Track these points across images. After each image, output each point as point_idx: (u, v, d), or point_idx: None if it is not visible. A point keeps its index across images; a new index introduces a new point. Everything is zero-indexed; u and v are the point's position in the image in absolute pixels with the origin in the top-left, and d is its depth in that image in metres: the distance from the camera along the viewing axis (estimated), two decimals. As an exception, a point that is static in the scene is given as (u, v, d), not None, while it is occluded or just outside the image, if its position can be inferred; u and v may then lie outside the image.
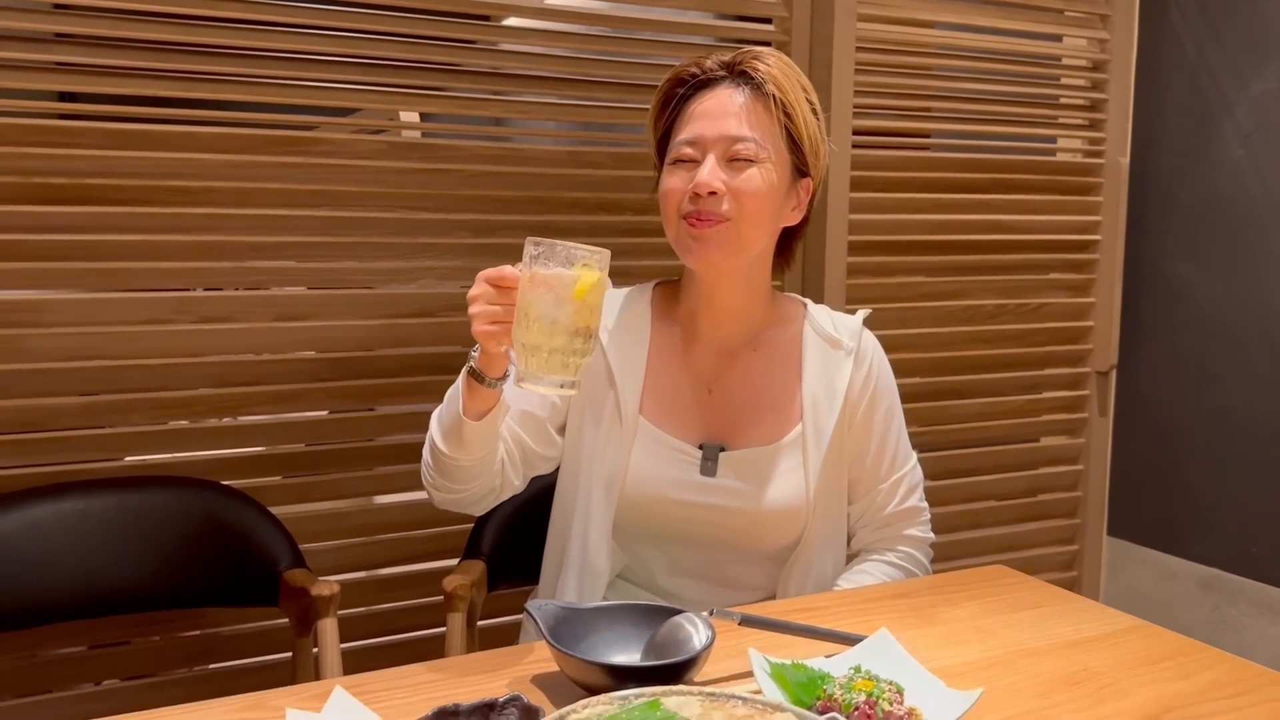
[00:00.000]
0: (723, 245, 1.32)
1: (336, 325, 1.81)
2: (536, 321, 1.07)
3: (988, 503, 2.42)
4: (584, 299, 1.07)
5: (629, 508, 1.36)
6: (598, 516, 1.36)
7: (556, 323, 1.07)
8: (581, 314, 1.07)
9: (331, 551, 1.82)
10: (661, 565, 1.39)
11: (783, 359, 1.42)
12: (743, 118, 1.32)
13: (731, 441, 1.38)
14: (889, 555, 1.43)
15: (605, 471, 1.36)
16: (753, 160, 1.31)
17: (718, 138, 1.31)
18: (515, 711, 0.89)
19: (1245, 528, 2.35)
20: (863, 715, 0.90)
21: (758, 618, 1.13)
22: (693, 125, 1.34)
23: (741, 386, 1.41)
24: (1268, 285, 2.28)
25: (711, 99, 1.34)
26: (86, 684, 1.72)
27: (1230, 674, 1.09)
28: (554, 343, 1.07)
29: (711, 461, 1.35)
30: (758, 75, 1.33)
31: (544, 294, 1.07)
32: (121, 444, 1.70)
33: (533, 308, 1.08)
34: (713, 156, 1.31)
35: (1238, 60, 2.31)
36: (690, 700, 0.86)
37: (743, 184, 1.31)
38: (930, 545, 1.47)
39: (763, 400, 1.40)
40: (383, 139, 1.88)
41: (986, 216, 2.37)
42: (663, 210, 1.37)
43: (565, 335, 1.07)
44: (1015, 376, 2.43)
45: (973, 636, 1.18)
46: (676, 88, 1.37)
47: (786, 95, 1.33)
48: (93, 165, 1.63)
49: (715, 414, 1.39)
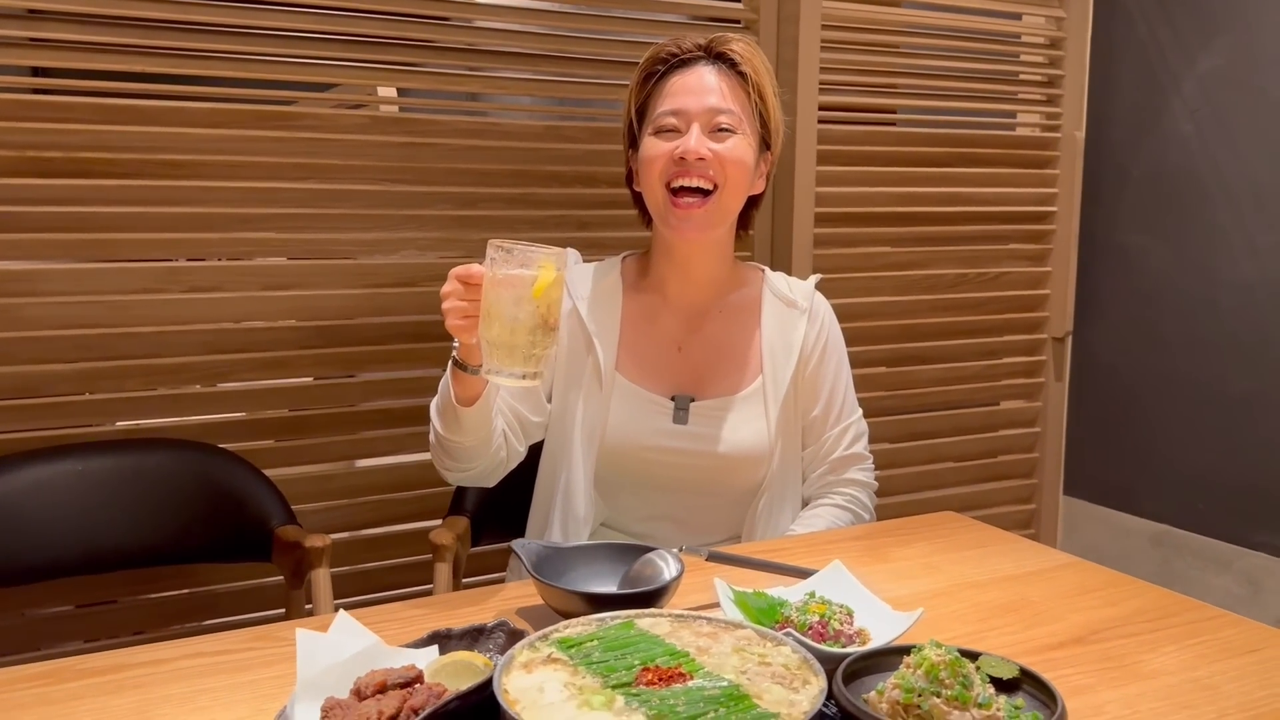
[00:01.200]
0: (706, 221, 1.45)
1: (321, 294, 1.88)
2: (499, 319, 1.14)
3: (948, 464, 2.53)
4: (541, 297, 1.13)
5: (609, 455, 1.47)
6: (581, 467, 1.47)
7: (517, 320, 1.14)
8: (540, 311, 1.14)
9: (319, 512, 1.90)
10: (638, 512, 1.50)
11: (744, 319, 1.55)
12: (723, 93, 1.44)
13: (700, 393, 1.50)
14: (835, 498, 1.55)
15: (587, 425, 1.48)
16: (733, 130, 1.44)
17: (702, 109, 1.43)
18: (502, 635, 0.98)
19: (1193, 485, 2.46)
20: (816, 634, 0.99)
21: (723, 553, 1.22)
22: (676, 98, 1.45)
23: (707, 344, 1.53)
24: (1213, 253, 2.39)
25: (693, 75, 1.46)
26: (77, 641, 1.78)
27: (1155, 602, 1.19)
28: (515, 339, 1.14)
29: (683, 410, 1.48)
30: (734, 56, 1.46)
31: (504, 293, 1.14)
32: (115, 409, 1.77)
33: (494, 306, 1.14)
34: (696, 127, 1.42)
35: (1186, 38, 2.41)
36: (661, 620, 0.95)
37: (727, 151, 1.43)
38: (874, 492, 1.59)
39: (727, 356, 1.53)
40: (365, 114, 1.94)
41: (948, 189, 2.46)
42: (644, 176, 1.47)
43: (525, 331, 1.14)
44: (975, 343, 2.53)
45: (921, 572, 1.28)
46: (657, 64, 1.48)
47: (759, 76, 1.47)
48: (85, 139, 1.68)
49: (685, 369, 1.52)
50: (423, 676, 0.86)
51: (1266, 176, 2.27)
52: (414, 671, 0.86)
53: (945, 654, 0.86)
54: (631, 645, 0.89)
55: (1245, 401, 2.34)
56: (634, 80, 1.52)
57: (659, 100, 1.47)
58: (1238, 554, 2.37)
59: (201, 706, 0.93)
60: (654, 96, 1.48)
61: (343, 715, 0.82)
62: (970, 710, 0.84)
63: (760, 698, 0.81)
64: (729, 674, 0.85)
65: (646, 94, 1.49)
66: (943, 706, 0.83)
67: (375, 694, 0.83)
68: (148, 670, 1.00)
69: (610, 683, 0.83)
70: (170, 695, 0.95)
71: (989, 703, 0.84)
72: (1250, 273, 2.31)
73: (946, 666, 0.85)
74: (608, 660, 0.86)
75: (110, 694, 0.96)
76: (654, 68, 1.49)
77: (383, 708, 0.81)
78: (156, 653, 1.04)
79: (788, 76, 2.19)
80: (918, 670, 0.86)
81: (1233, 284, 2.35)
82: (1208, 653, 1.05)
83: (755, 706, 0.80)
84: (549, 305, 1.15)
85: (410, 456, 1.99)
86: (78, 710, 0.93)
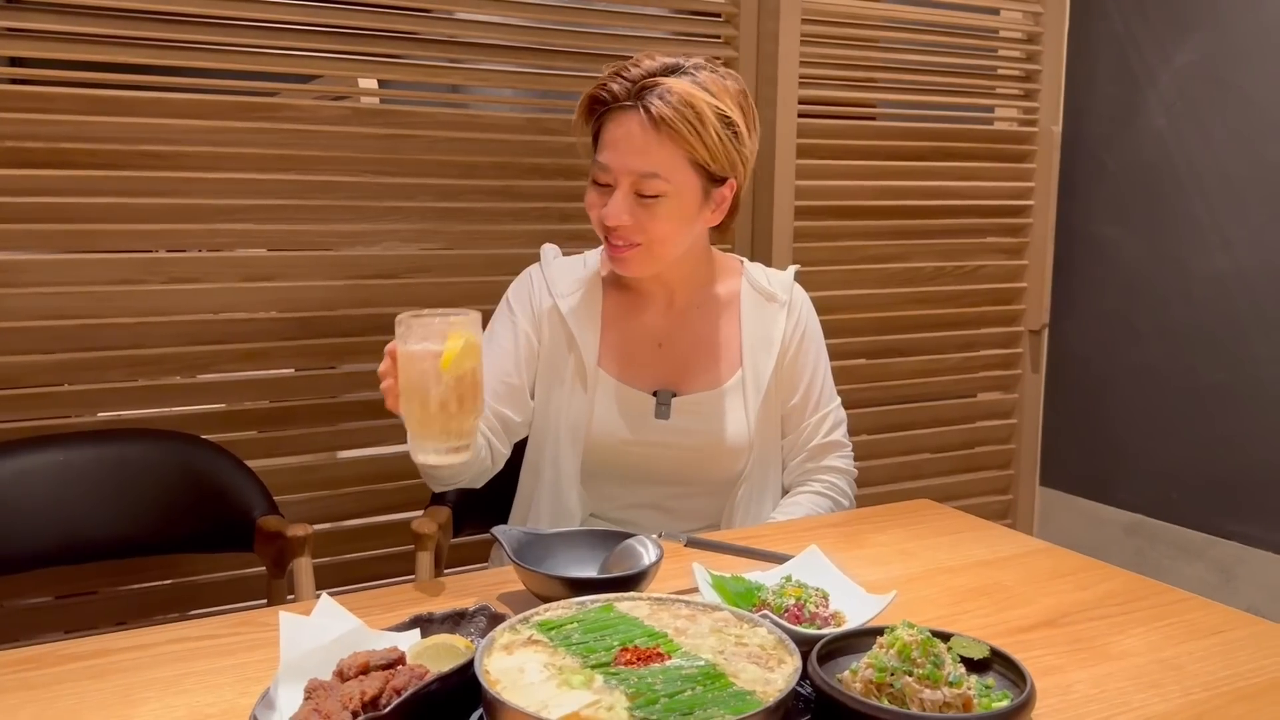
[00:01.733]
0: (640, 263, 1.44)
1: (302, 286, 1.89)
2: (411, 397, 1.10)
3: (926, 455, 2.56)
4: (450, 370, 1.08)
5: (594, 451, 1.48)
6: (567, 464, 1.49)
7: (428, 396, 1.09)
8: (450, 386, 1.08)
9: (301, 503, 1.90)
10: (622, 500, 1.52)
11: (724, 313, 1.56)
12: (647, 151, 1.36)
13: (681, 388, 1.51)
14: (815, 485, 1.56)
15: (571, 422, 1.49)
16: (657, 195, 1.38)
17: (622, 170, 1.38)
18: (484, 618, 0.99)
19: (1166, 476, 2.50)
20: (792, 616, 1.01)
21: (702, 539, 1.24)
22: (605, 150, 1.40)
23: (688, 339, 1.54)
24: (1187, 246, 2.42)
25: (618, 128, 1.38)
26: (57, 632, 1.79)
27: (1124, 586, 1.21)
28: (428, 415, 1.10)
29: (665, 405, 1.49)
30: (656, 113, 1.34)
31: (411, 370, 1.10)
32: (96, 400, 1.77)
33: (405, 384, 1.11)
34: (621, 188, 1.38)
35: (1161, 34, 2.44)
36: (640, 604, 0.96)
37: (648, 218, 1.39)
38: (853, 479, 1.60)
39: (707, 350, 1.54)
40: (346, 105, 1.95)
41: (927, 183, 2.48)
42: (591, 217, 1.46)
43: (437, 407, 1.09)
44: (953, 335, 2.56)
45: (895, 557, 1.30)
46: (595, 105, 1.42)
47: (680, 129, 1.35)
48: (65, 130, 1.68)
49: (666, 365, 1.52)
50: (405, 658, 0.88)
51: (1239, 170, 2.30)
52: (396, 653, 0.87)
53: (917, 634, 0.88)
54: (611, 627, 0.91)
55: (1218, 393, 2.37)
56: (576, 118, 1.46)
57: (597, 143, 1.42)
58: (1210, 543, 2.41)
59: (185, 690, 0.94)
60: (598, 134, 1.43)
61: (326, 696, 0.83)
62: (941, 689, 0.85)
63: (736, 676, 0.83)
64: (706, 654, 0.86)
65: (591, 132, 1.44)
66: (914, 685, 0.85)
67: (358, 675, 0.84)
68: (131, 655, 1.01)
69: (589, 663, 0.84)
70: (154, 679, 0.96)
71: (960, 681, 0.86)
72: (1223, 265, 2.35)
73: (918, 646, 0.87)
74: (587, 641, 0.88)
75: (93, 678, 0.96)
76: (591, 107, 1.42)
77: (365, 688, 0.82)
78: (140, 638, 1.05)
79: (768, 70, 2.21)
80: (890, 650, 0.88)
81: (1206, 277, 2.38)
82: (1174, 634, 1.08)
83: (731, 685, 0.81)
84: (461, 377, 1.09)
85: (392, 448, 2.00)
86: (61, 694, 0.93)
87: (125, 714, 0.90)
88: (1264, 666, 1.00)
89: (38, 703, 0.92)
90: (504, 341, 1.51)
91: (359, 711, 0.81)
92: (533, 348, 1.51)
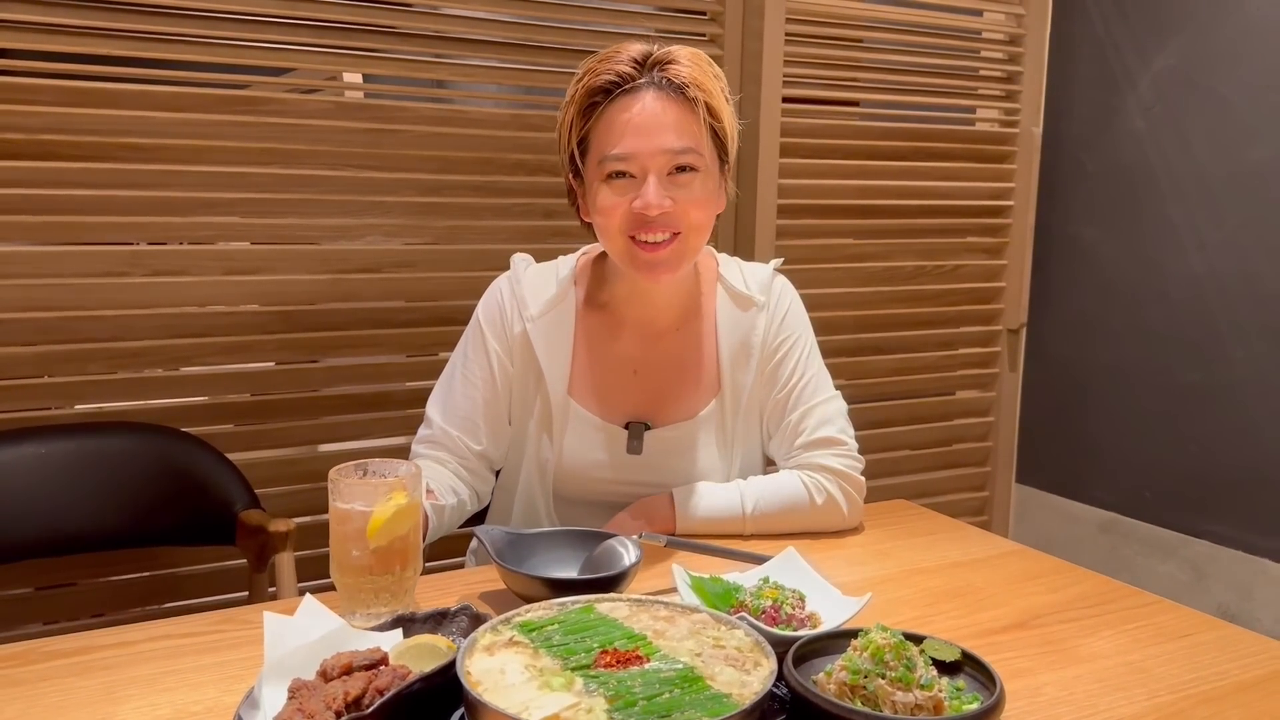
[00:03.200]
0: (674, 263, 1.33)
1: (284, 280, 1.89)
2: (335, 559, 1.07)
3: (905, 452, 2.59)
4: (377, 536, 1.02)
5: (563, 481, 1.44)
6: (538, 494, 1.45)
7: (352, 559, 1.04)
8: (379, 553, 1.03)
9: (282, 496, 1.91)
10: (594, 522, 1.43)
11: (701, 331, 1.46)
12: (677, 127, 1.29)
13: (656, 418, 1.43)
14: (800, 472, 1.43)
15: (539, 456, 1.43)
16: (694, 169, 1.30)
17: (655, 152, 1.28)
18: (465, 619, 1.01)
19: (1140, 475, 2.54)
20: (769, 618, 1.02)
21: (682, 540, 1.26)
22: (625, 140, 1.28)
23: (664, 365, 1.45)
24: (1162, 248, 2.46)
25: (640, 110, 1.28)
26: (35, 623, 1.79)
27: (1095, 589, 1.24)
28: (355, 579, 1.05)
29: (637, 440, 1.41)
30: (680, 80, 1.29)
31: (337, 530, 1.05)
32: (76, 392, 1.77)
33: (332, 544, 1.06)
34: (653, 176, 1.28)
35: (1142, 38, 2.47)
36: (620, 605, 0.98)
37: (687, 199, 1.30)
38: (851, 483, 1.43)
39: (683, 375, 1.45)
40: (330, 99, 1.94)
41: (908, 183, 2.50)
42: (601, 226, 1.34)
43: (358, 572, 1.05)
44: (932, 334, 2.58)
45: (871, 558, 1.32)
46: (596, 95, 1.31)
47: (712, 98, 1.31)
48: (47, 121, 1.68)
49: (641, 393, 1.44)
50: (387, 659, 0.89)
51: (1215, 173, 2.33)
52: (379, 654, 0.89)
53: (890, 637, 0.90)
54: (591, 629, 0.92)
55: (1191, 394, 2.41)
56: (570, 109, 1.33)
57: (605, 138, 1.30)
58: (1183, 542, 2.45)
59: (168, 688, 0.95)
60: (597, 130, 1.31)
61: (309, 695, 0.84)
62: (913, 691, 0.87)
63: (714, 679, 0.84)
64: (684, 656, 0.88)
65: (588, 127, 1.32)
66: (887, 688, 0.87)
67: (341, 675, 0.86)
68: (114, 652, 1.02)
69: (570, 665, 0.86)
70: (137, 677, 0.97)
71: (931, 684, 0.88)
72: (1198, 267, 2.38)
73: (891, 649, 0.89)
74: (567, 643, 0.89)
75: (78, 675, 0.97)
76: (593, 98, 1.31)
77: (348, 688, 0.83)
78: (123, 635, 1.06)
79: (752, 68, 2.22)
80: (864, 653, 0.90)
81: (1181, 278, 2.42)
82: (1142, 637, 1.10)
83: (708, 687, 0.83)
84: (391, 541, 1.04)
85: (373, 441, 2.00)
86: (46, 691, 0.94)
87: (109, 712, 0.91)
88: (1228, 670, 1.03)
89: (24, 699, 0.93)
90: (479, 369, 1.43)
91: (342, 711, 0.82)
92: (508, 372, 1.43)
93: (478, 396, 1.43)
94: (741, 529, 1.38)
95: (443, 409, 1.44)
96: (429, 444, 1.44)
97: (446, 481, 1.39)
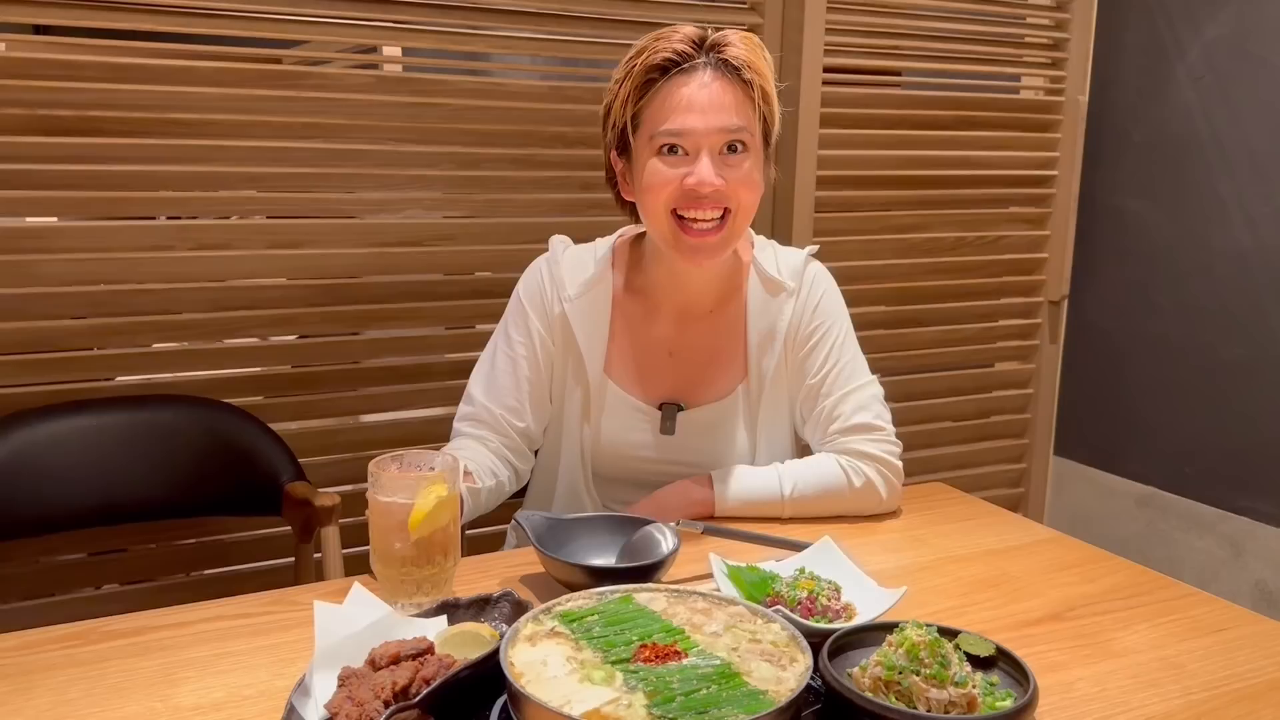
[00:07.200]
0: (718, 249, 1.35)
1: (326, 254, 1.91)
2: (376, 550, 1.08)
3: (943, 423, 2.58)
4: (419, 528, 1.04)
5: (602, 460, 1.47)
6: (578, 470, 1.47)
7: (394, 551, 1.06)
8: (419, 544, 1.05)
9: (326, 466, 1.95)
10: (632, 498, 1.47)
11: (733, 316, 1.48)
12: (733, 108, 1.31)
13: (689, 400, 1.46)
14: (838, 456, 1.44)
15: (576, 435, 1.47)
16: (746, 148, 1.32)
17: (710, 130, 1.29)
18: (508, 605, 1.03)
19: (1180, 450, 2.52)
20: (804, 609, 1.04)
21: (718, 528, 1.27)
22: (680, 116, 1.30)
23: (698, 348, 1.47)
24: (1209, 222, 2.41)
25: (697, 86, 1.30)
26: (87, 588, 1.85)
27: (1130, 579, 1.24)
28: (397, 571, 1.07)
29: (670, 420, 1.45)
30: (738, 62, 1.31)
31: (378, 523, 1.07)
32: (124, 364, 1.81)
33: (372, 537, 1.08)
34: (706, 152, 1.30)
35: (1192, 5, 2.40)
36: (658, 596, 1.00)
37: (740, 177, 1.32)
38: (888, 468, 1.43)
39: (716, 358, 1.48)
40: (370, 74, 1.95)
41: (950, 152, 2.47)
42: (646, 202, 1.35)
43: (400, 564, 1.06)
44: (972, 306, 2.57)
45: (907, 544, 1.33)
46: (653, 73, 1.32)
47: (765, 81, 1.33)
48: (94, 97, 1.70)
49: (675, 375, 1.47)
50: (434, 648, 0.91)
51: (1265, 146, 2.28)
52: (425, 643, 0.91)
53: (925, 634, 0.91)
54: (630, 620, 0.94)
55: (1234, 369, 2.38)
56: (625, 85, 1.34)
57: (659, 113, 1.31)
58: (1221, 517, 2.43)
59: (223, 670, 0.99)
60: (652, 107, 1.32)
61: (359, 684, 0.87)
62: (947, 688, 0.89)
63: (750, 675, 0.86)
64: (721, 652, 0.90)
65: (642, 103, 1.33)
66: (921, 684, 0.89)
67: (389, 665, 0.88)
68: (170, 633, 1.06)
69: (610, 658, 0.88)
70: (193, 659, 1.00)
71: (965, 681, 0.90)
72: (1245, 241, 2.34)
73: (926, 646, 0.91)
74: (608, 635, 0.91)
75: (136, 656, 1.01)
76: (650, 75, 1.32)
77: (396, 678, 0.86)
78: (178, 615, 1.09)
79: (793, 37, 2.20)
80: (899, 649, 0.91)
81: (1227, 252, 2.38)
82: (1177, 630, 1.11)
83: (745, 684, 0.85)
84: (433, 533, 1.06)
85: (414, 412, 2.04)
86: (107, 671, 0.98)
87: (167, 693, 0.95)
88: (1263, 667, 1.03)
89: (87, 679, 0.97)
90: (522, 347, 1.46)
91: (390, 700, 0.85)
92: (549, 350, 1.46)
93: (521, 374, 1.45)
94: (780, 512, 1.40)
95: (485, 386, 1.47)
96: (472, 421, 1.46)
97: (486, 463, 1.41)
